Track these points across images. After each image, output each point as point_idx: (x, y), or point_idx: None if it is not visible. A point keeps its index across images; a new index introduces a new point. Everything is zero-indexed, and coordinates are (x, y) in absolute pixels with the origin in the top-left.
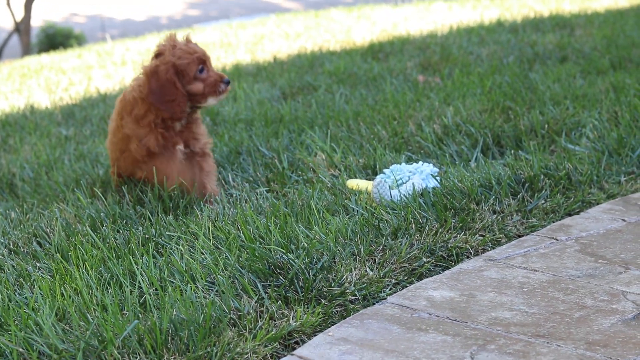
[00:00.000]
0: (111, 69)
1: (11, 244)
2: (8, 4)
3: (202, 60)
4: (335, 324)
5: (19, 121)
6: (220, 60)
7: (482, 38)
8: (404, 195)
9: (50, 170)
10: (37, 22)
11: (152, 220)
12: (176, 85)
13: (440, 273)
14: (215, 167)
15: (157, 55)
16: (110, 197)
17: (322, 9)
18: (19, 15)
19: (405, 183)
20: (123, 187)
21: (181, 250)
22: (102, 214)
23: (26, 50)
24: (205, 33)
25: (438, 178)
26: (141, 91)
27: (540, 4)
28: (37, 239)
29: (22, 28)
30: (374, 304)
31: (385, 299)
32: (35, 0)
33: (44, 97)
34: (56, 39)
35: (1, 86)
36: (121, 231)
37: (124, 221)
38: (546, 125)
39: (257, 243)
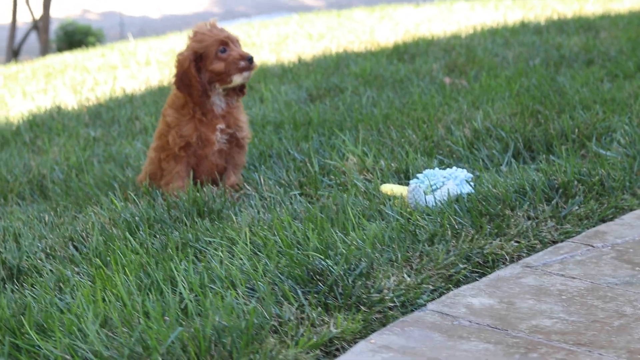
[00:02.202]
0: (135, 69)
1: (48, 248)
2: (27, 1)
3: (223, 42)
4: (375, 330)
5: (47, 122)
6: None
7: (506, 40)
8: (439, 201)
9: (81, 172)
10: (52, 19)
11: (188, 224)
12: (191, 70)
13: (476, 279)
14: (245, 162)
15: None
16: (143, 200)
17: (343, 7)
18: (38, 12)
19: (440, 188)
20: (152, 189)
21: (221, 257)
22: (136, 217)
23: (45, 48)
24: None
25: (472, 183)
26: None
27: (562, 4)
28: (74, 243)
29: (40, 26)
30: (412, 310)
31: (423, 305)
32: None
33: (70, 97)
34: (75, 37)
35: (26, 86)
36: (158, 236)
37: (159, 225)
38: (576, 130)
39: (295, 249)
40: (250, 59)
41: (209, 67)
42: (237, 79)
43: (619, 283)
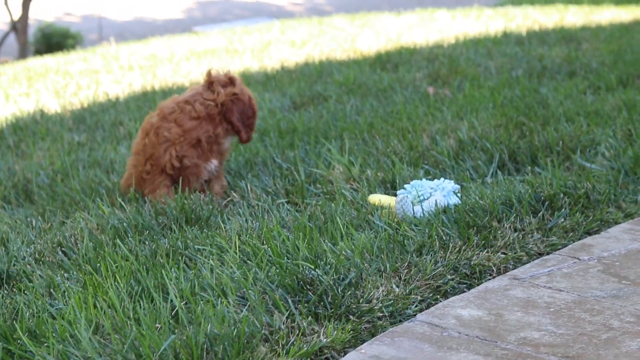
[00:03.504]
0: (118, 74)
1: (37, 253)
2: (5, 2)
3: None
4: (364, 340)
5: (30, 126)
6: (228, 67)
7: (489, 50)
8: (427, 212)
9: (66, 177)
10: (30, 21)
11: (176, 231)
12: (254, 108)
13: (464, 291)
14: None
15: (226, 85)
16: (130, 206)
17: (322, 14)
18: (16, 14)
19: (428, 199)
20: (138, 196)
21: (211, 265)
22: (124, 224)
23: (23, 50)
24: (210, 38)
25: (459, 195)
26: (207, 109)
27: (543, 15)
28: (62, 249)
29: (19, 27)
30: (400, 321)
31: (412, 316)
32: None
33: (53, 101)
34: (52, 39)
35: (8, 89)
36: (147, 242)
37: (147, 232)
38: (561, 142)
39: (285, 258)
40: None
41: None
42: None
43: (606, 296)
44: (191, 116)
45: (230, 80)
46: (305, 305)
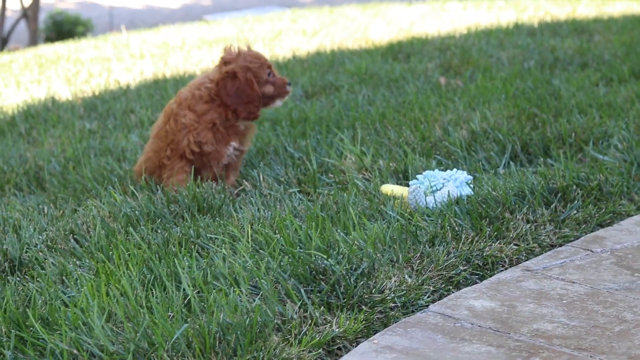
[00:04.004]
0: (129, 62)
1: (49, 240)
2: None
3: (269, 65)
4: (377, 331)
5: (42, 113)
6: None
7: (500, 41)
8: (439, 202)
9: (78, 165)
10: (42, 4)
11: (188, 220)
12: (254, 86)
13: (476, 282)
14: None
15: (226, 63)
16: (143, 194)
17: (332, 3)
18: (27, 1)
19: (440, 190)
20: (150, 184)
21: (224, 254)
22: (137, 212)
23: (34, 37)
24: (222, 27)
25: (472, 185)
26: (210, 91)
27: (555, 6)
28: (74, 236)
29: (29, 14)
30: (413, 311)
31: (425, 307)
32: None
33: (64, 88)
34: (63, 26)
35: (20, 76)
36: (159, 231)
37: (159, 220)
38: (573, 134)
39: (297, 247)
40: (290, 84)
41: (260, 89)
42: (278, 103)
43: (618, 289)
44: (203, 100)
45: (236, 56)
46: (318, 295)
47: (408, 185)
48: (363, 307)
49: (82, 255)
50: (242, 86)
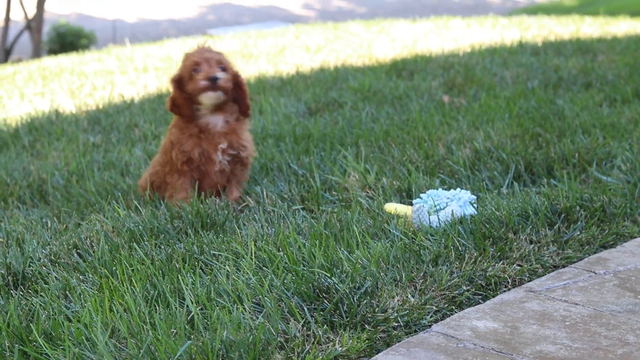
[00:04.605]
0: (133, 76)
1: (52, 254)
2: (20, 1)
3: (197, 62)
4: (379, 350)
5: (45, 126)
6: (243, 71)
7: (504, 60)
8: (443, 222)
9: (81, 178)
10: (47, 14)
11: (192, 236)
12: (175, 92)
13: (478, 302)
14: (247, 178)
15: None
16: (146, 209)
17: (335, 19)
18: (31, 12)
19: (444, 209)
20: (154, 199)
21: (227, 270)
22: (140, 227)
23: (37, 49)
24: (225, 42)
25: (475, 205)
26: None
27: (559, 26)
28: (78, 251)
29: (33, 25)
30: (415, 331)
31: (428, 326)
32: None
33: (68, 101)
34: (67, 38)
35: (24, 88)
36: (162, 246)
37: (162, 235)
38: (577, 154)
39: (301, 265)
40: (213, 79)
41: (185, 88)
42: (204, 99)
43: (622, 311)
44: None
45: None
46: (321, 313)
47: (412, 204)
48: (366, 326)
49: (85, 270)
50: (173, 93)
